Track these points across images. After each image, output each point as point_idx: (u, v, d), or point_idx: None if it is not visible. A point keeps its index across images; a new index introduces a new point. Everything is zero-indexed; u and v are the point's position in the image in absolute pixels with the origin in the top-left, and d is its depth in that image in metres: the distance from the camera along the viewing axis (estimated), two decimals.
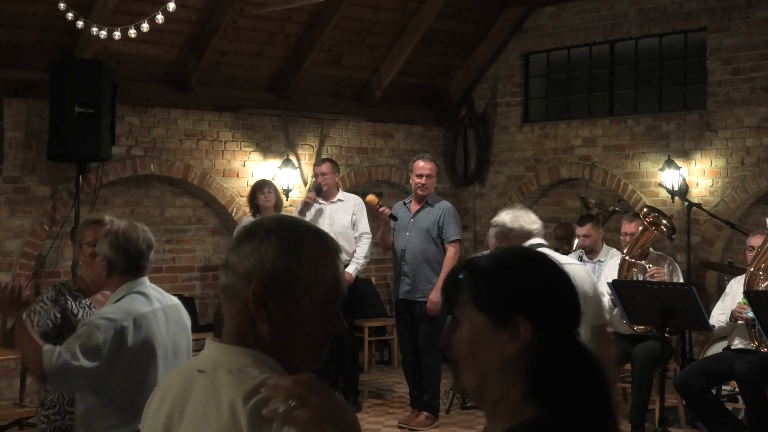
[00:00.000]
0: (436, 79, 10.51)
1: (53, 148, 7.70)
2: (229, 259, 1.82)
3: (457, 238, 7.42)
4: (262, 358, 1.77)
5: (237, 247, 1.82)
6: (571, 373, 1.64)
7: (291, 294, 1.77)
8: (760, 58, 8.62)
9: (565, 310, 1.70)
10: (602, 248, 7.77)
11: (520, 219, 4.64)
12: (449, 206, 7.54)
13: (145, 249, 3.65)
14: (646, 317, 6.41)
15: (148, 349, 3.54)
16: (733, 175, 8.77)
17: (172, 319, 3.68)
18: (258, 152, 9.30)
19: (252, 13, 8.44)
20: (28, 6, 7.58)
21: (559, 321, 1.68)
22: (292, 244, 1.79)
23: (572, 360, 1.65)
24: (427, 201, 7.47)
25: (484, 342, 1.66)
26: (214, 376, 1.76)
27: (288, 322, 1.77)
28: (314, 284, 1.78)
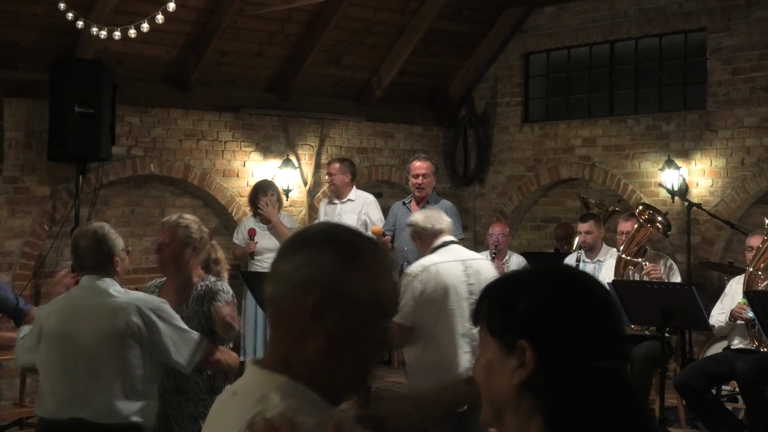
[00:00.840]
0: (436, 79, 10.51)
1: (53, 148, 7.70)
2: (279, 268, 1.70)
3: (460, 238, 7.31)
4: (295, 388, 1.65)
5: (289, 256, 1.70)
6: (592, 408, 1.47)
7: (348, 307, 1.66)
8: (760, 58, 8.62)
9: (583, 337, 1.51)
10: (602, 248, 7.77)
11: (431, 219, 4.96)
12: (450, 206, 7.44)
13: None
14: (646, 317, 6.41)
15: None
16: (733, 175, 8.77)
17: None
18: (258, 152, 9.30)
19: (252, 13, 8.44)
20: (28, 6, 7.58)
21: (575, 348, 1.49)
22: (351, 253, 1.69)
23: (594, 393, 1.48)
24: (427, 201, 7.39)
25: (497, 370, 1.54)
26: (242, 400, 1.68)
27: (344, 337, 1.66)
28: (373, 297, 1.68)
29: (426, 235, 4.95)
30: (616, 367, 1.50)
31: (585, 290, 1.56)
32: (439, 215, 5.00)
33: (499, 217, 10.10)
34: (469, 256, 5.00)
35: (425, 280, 4.73)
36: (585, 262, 7.74)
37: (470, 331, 4.68)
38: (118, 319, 3.76)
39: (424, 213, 5.11)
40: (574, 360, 1.49)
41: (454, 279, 4.75)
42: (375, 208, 8.13)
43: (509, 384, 1.51)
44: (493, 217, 10.10)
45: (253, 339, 8.29)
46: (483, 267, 4.96)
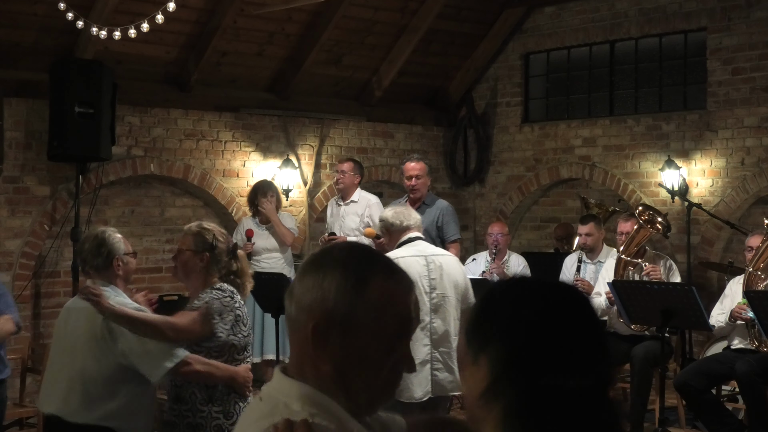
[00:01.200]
0: (436, 79, 10.51)
1: (53, 148, 7.70)
2: (294, 288, 1.71)
3: (457, 238, 7.28)
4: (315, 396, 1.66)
5: (302, 277, 1.71)
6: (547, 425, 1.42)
7: (353, 335, 1.64)
8: (760, 58, 8.62)
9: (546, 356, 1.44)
10: (602, 249, 7.77)
11: (400, 215, 5.18)
12: (446, 205, 7.37)
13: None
14: (646, 317, 6.41)
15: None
16: (733, 175, 8.77)
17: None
18: (258, 152, 9.30)
19: (252, 13, 8.44)
20: (28, 6, 7.58)
21: (530, 364, 1.44)
22: (358, 279, 1.66)
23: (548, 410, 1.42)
24: (424, 202, 7.28)
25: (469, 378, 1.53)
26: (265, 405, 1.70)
27: (350, 363, 1.65)
28: (380, 325, 1.65)
29: (394, 231, 5.17)
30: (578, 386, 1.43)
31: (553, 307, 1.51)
32: (408, 212, 5.19)
33: (499, 216, 10.10)
34: (433, 252, 5.18)
35: None
36: (586, 262, 7.74)
37: (430, 324, 4.94)
38: (96, 323, 3.88)
39: (394, 209, 5.28)
40: (528, 376, 1.44)
41: (415, 273, 4.87)
42: (378, 210, 8.08)
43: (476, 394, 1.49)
44: (493, 217, 10.10)
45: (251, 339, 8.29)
46: (447, 263, 5.12)
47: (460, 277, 5.12)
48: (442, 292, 5.06)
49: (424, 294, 4.97)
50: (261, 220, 8.38)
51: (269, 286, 6.69)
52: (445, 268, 5.07)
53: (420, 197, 7.29)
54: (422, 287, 4.96)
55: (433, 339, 4.99)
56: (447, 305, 5.08)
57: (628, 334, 6.91)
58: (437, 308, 5.06)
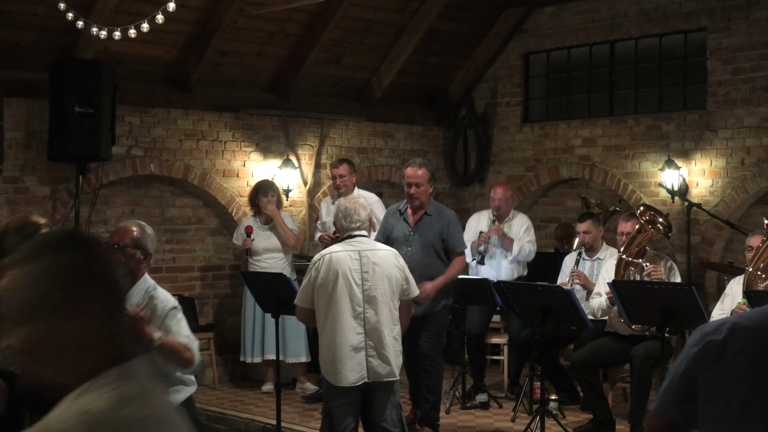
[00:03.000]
0: (436, 79, 10.51)
1: (53, 148, 7.70)
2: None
3: (463, 249, 7.03)
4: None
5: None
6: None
7: None
8: (760, 58, 8.61)
9: None
10: (602, 246, 7.79)
11: (348, 212, 5.49)
12: (450, 214, 6.98)
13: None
14: (646, 317, 6.41)
15: None
16: (733, 175, 8.77)
17: None
18: (258, 152, 9.30)
19: (252, 13, 8.44)
20: (28, 6, 7.58)
21: None
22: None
23: None
24: (426, 212, 6.86)
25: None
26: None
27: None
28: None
29: (340, 229, 5.61)
30: None
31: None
32: (360, 210, 5.49)
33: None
34: (369, 247, 5.49)
35: (319, 268, 5.33)
36: (584, 259, 7.76)
37: (363, 314, 5.32)
38: None
39: (344, 206, 5.54)
40: None
41: (345, 267, 5.31)
42: (379, 208, 8.08)
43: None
44: None
45: (251, 337, 8.30)
46: (381, 257, 5.45)
47: (395, 271, 5.45)
48: (374, 284, 5.37)
49: (356, 286, 5.32)
50: (262, 220, 8.39)
51: (269, 287, 6.69)
52: (378, 262, 5.40)
53: (420, 206, 6.85)
54: (353, 279, 5.32)
55: (367, 328, 5.34)
56: (380, 297, 5.38)
57: (628, 334, 6.91)
58: (370, 300, 5.36)
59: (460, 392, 7.80)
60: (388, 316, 5.41)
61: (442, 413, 7.23)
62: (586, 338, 7.26)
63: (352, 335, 5.32)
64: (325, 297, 5.31)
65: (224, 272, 9.21)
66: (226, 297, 9.19)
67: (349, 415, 5.39)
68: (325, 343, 5.37)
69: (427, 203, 6.90)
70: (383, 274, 5.40)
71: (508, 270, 8.15)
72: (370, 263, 5.38)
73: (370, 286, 5.35)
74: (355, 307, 5.31)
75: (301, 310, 5.48)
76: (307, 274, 5.41)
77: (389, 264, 5.46)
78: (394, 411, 5.49)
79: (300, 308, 5.47)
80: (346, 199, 5.73)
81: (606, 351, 7.03)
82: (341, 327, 5.30)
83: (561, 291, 6.54)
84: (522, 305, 6.70)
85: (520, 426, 6.99)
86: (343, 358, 5.29)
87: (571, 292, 6.67)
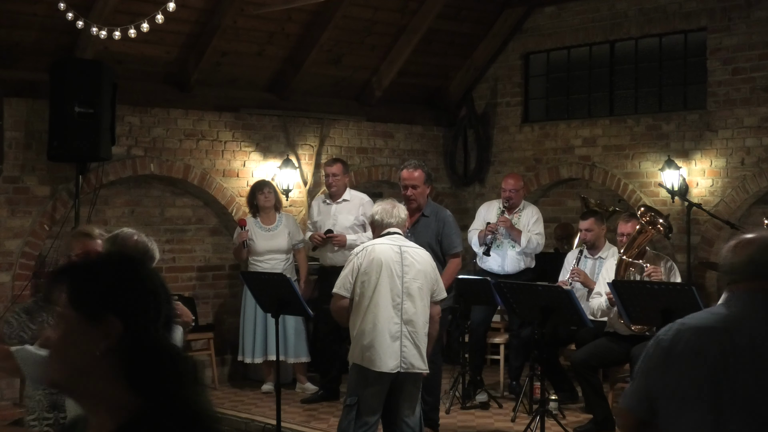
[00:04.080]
0: (436, 79, 10.51)
1: (53, 148, 7.70)
2: None
3: (458, 251, 6.90)
4: None
5: None
6: (160, 364, 1.77)
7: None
8: (760, 58, 8.62)
9: (151, 309, 1.81)
10: (604, 245, 7.78)
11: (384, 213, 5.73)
12: (447, 215, 6.92)
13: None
14: (646, 317, 6.41)
15: None
16: (733, 175, 8.77)
17: None
18: (258, 152, 9.30)
19: (252, 13, 8.44)
20: (28, 6, 7.58)
21: (146, 318, 1.79)
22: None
23: (158, 353, 1.78)
24: (423, 213, 6.81)
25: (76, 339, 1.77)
26: None
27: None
28: None
29: (376, 226, 5.76)
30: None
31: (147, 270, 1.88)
32: (392, 211, 5.73)
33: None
34: (407, 245, 5.70)
35: (363, 257, 5.54)
36: (586, 257, 7.76)
37: (400, 305, 5.50)
38: None
39: (382, 206, 5.79)
40: (146, 326, 1.78)
41: (388, 258, 5.52)
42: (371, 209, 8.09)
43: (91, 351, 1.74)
44: None
45: (252, 337, 8.30)
46: (419, 255, 5.67)
47: (430, 269, 5.67)
48: (414, 278, 5.57)
49: (397, 278, 5.52)
50: (263, 220, 8.38)
51: (270, 287, 6.69)
52: (417, 259, 5.63)
53: (417, 207, 6.78)
54: (395, 271, 5.52)
55: (404, 318, 5.52)
56: (416, 291, 5.56)
57: (628, 334, 6.91)
58: (408, 292, 5.55)
59: (459, 392, 7.81)
60: (423, 310, 5.61)
61: (442, 413, 7.24)
62: (585, 338, 7.27)
63: (391, 324, 5.50)
64: (368, 285, 5.49)
65: (224, 272, 9.21)
66: (226, 297, 9.20)
67: (377, 404, 5.55)
68: (363, 330, 5.50)
69: (425, 204, 6.87)
70: (421, 270, 5.60)
71: (514, 260, 8.15)
72: (410, 258, 5.59)
73: (409, 279, 5.54)
74: (395, 298, 5.50)
75: (338, 298, 5.61)
76: (348, 264, 5.59)
77: (426, 262, 5.67)
78: (418, 408, 5.68)
79: (337, 296, 5.60)
80: (384, 201, 5.93)
81: (606, 351, 7.03)
82: (381, 315, 5.48)
83: (561, 291, 6.54)
84: (522, 305, 6.69)
85: (520, 426, 6.99)
86: (383, 344, 5.46)
87: (571, 292, 6.66)
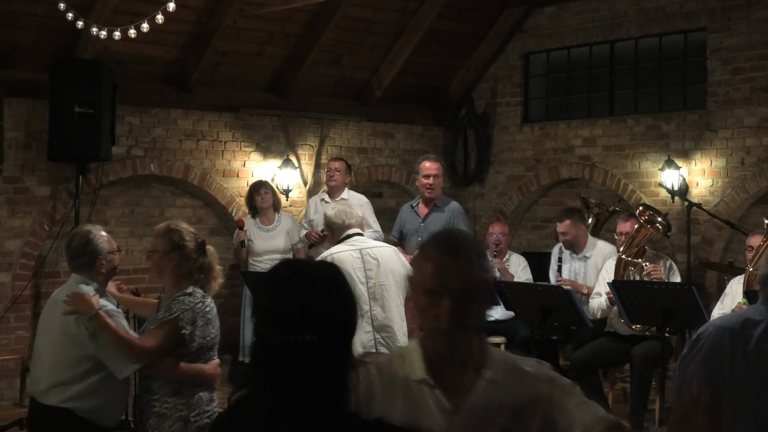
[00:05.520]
0: (436, 79, 10.51)
1: (53, 148, 7.70)
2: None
3: None
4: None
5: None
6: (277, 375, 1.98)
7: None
8: (760, 58, 8.61)
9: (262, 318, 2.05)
10: (586, 243, 7.72)
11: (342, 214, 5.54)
12: (458, 207, 7.47)
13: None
14: (646, 317, 6.41)
15: None
16: (733, 175, 8.77)
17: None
18: (258, 152, 9.30)
19: (252, 13, 8.44)
20: (28, 6, 7.58)
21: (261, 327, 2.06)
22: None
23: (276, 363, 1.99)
24: (435, 204, 7.41)
25: None
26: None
27: None
28: None
29: (336, 228, 5.55)
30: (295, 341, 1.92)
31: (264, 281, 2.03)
32: (350, 211, 5.58)
33: (499, 216, 10.10)
34: (369, 245, 5.54)
35: None
36: (572, 258, 7.70)
37: (370, 312, 5.35)
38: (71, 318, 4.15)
39: (336, 208, 5.64)
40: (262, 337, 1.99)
41: (348, 266, 5.28)
42: (369, 210, 8.15)
43: None
44: (493, 217, 10.10)
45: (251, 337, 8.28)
46: (383, 254, 5.50)
47: (398, 265, 5.48)
48: (379, 281, 5.40)
49: (360, 284, 5.34)
50: (262, 221, 8.39)
51: None
52: (380, 259, 5.44)
53: (434, 197, 7.43)
54: (358, 278, 5.34)
55: (375, 325, 5.38)
56: (386, 293, 5.42)
57: (628, 334, 6.91)
58: (375, 297, 5.39)
59: None
60: (396, 312, 5.45)
61: None
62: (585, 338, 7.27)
63: (361, 334, 5.33)
64: None
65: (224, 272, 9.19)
66: (226, 297, 9.19)
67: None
68: None
69: (438, 197, 7.49)
70: (386, 270, 5.45)
71: None
72: (371, 260, 5.43)
73: (374, 283, 5.41)
74: (362, 306, 5.33)
75: None
76: None
77: (390, 259, 5.51)
78: None
79: None
80: (336, 203, 5.85)
81: (606, 351, 7.03)
82: None
83: (561, 291, 6.54)
84: (522, 305, 6.70)
85: None
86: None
87: (570, 291, 6.67)
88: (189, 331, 4.04)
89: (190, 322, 4.05)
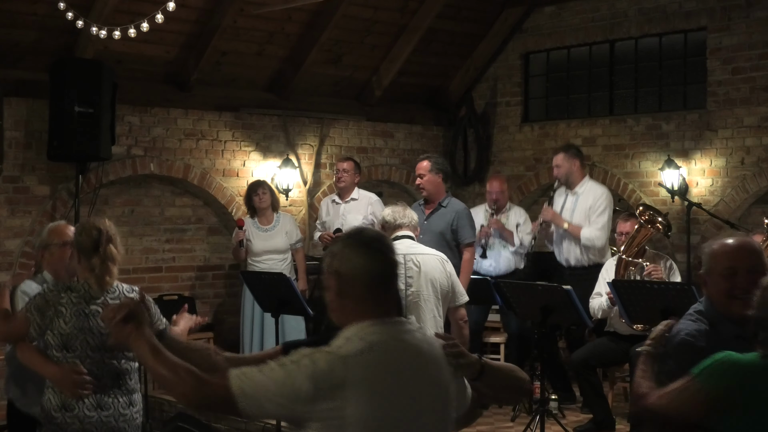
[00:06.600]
0: (436, 78, 10.51)
1: (53, 147, 7.70)
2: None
3: (470, 242, 7.17)
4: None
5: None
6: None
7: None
8: (760, 58, 8.62)
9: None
10: (581, 179, 7.83)
11: (395, 213, 5.50)
12: (462, 208, 7.30)
13: None
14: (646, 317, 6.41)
15: None
16: (732, 175, 8.77)
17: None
18: (258, 152, 9.31)
19: (252, 13, 8.44)
20: (28, 6, 7.58)
21: None
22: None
23: None
24: (440, 203, 7.21)
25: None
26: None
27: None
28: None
29: (387, 227, 5.45)
30: None
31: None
32: (404, 212, 5.49)
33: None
34: (414, 251, 5.35)
35: None
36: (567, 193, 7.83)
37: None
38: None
39: (392, 208, 5.57)
40: None
41: None
42: (379, 208, 8.12)
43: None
44: None
45: (250, 337, 8.29)
46: (426, 261, 5.32)
47: (439, 275, 5.31)
48: (417, 289, 5.23)
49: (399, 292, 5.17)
50: (261, 221, 8.39)
51: (269, 286, 6.69)
52: (423, 267, 5.27)
53: (428, 196, 7.22)
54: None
55: None
56: (422, 302, 5.24)
57: (628, 334, 6.91)
58: (412, 306, 5.20)
59: None
60: (432, 323, 5.22)
61: None
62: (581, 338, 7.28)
63: None
64: None
65: (223, 272, 9.22)
66: (226, 297, 9.20)
67: None
68: None
69: (439, 195, 7.24)
70: (427, 279, 5.27)
71: (507, 261, 8.19)
72: (413, 266, 5.25)
73: (413, 291, 5.21)
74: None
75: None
76: None
77: (433, 268, 5.32)
78: None
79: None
80: (395, 205, 5.66)
81: (606, 351, 7.03)
82: None
83: (561, 291, 6.54)
84: (522, 305, 6.70)
85: (520, 426, 6.99)
86: None
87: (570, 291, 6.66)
88: (32, 318, 3.86)
89: (36, 309, 3.88)
